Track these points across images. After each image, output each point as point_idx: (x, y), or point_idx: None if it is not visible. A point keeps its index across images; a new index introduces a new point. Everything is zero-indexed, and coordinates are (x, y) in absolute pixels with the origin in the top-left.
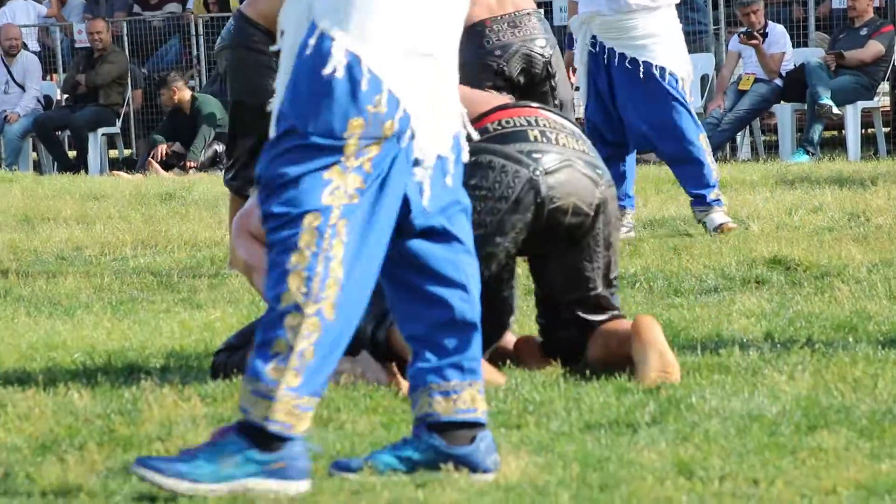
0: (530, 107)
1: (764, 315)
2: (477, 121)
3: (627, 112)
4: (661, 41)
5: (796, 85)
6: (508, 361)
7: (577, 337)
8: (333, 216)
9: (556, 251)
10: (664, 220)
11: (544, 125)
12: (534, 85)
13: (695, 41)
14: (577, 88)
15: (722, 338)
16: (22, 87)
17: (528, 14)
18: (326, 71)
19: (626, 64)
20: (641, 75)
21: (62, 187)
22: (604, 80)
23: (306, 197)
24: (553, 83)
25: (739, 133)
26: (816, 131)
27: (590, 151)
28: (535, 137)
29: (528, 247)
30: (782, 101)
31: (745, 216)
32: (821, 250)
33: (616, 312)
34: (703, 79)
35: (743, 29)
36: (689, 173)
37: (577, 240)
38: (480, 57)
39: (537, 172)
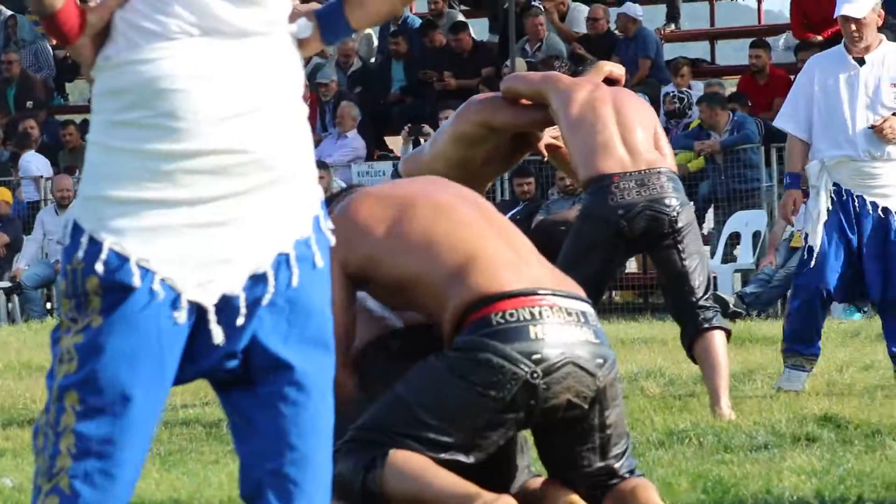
0: (537, 294)
1: (815, 473)
2: (484, 306)
3: (870, 261)
4: None
5: None
6: None
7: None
8: (55, 389)
9: (547, 435)
10: None
11: (547, 318)
12: (657, 242)
13: (748, 198)
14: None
15: (772, 495)
16: None
17: (658, 172)
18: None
19: (879, 212)
20: (892, 224)
21: None
22: (853, 228)
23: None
24: (678, 239)
25: (788, 292)
26: None
27: (594, 337)
28: (536, 335)
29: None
30: None
31: None
32: (871, 408)
33: (624, 475)
34: (756, 235)
35: None
36: None
37: (570, 426)
38: (602, 213)
39: (535, 375)
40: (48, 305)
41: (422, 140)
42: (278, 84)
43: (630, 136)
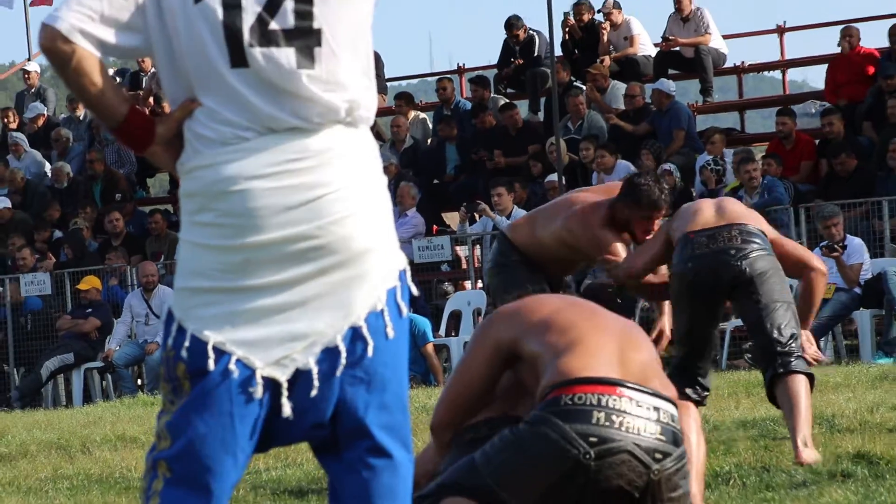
0: (613, 384)
1: None
2: (561, 387)
3: None
4: None
5: (874, 292)
6: None
7: None
8: (150, 460)
9: None
10: (755, 422)
11: (614, 406)
12: (731, 293)
13: None
14: None
15: None
16: (160, 318)
17: (730, 226)
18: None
19: None
20: None
21: None
22: None
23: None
24: (752, 288)
25: (823, 338)
26: (895, 334)
27: (659, 433)
28: (598, 420)
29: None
30: (862, 308)
31: (829, 415)
32: None
33: None
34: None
35: (824, 242)
36: None
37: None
38: (676, 269)
39: (587, 457)
40: (139, 382)
41: (476, 216)
42: (345, 166)
43: (727, 205)
